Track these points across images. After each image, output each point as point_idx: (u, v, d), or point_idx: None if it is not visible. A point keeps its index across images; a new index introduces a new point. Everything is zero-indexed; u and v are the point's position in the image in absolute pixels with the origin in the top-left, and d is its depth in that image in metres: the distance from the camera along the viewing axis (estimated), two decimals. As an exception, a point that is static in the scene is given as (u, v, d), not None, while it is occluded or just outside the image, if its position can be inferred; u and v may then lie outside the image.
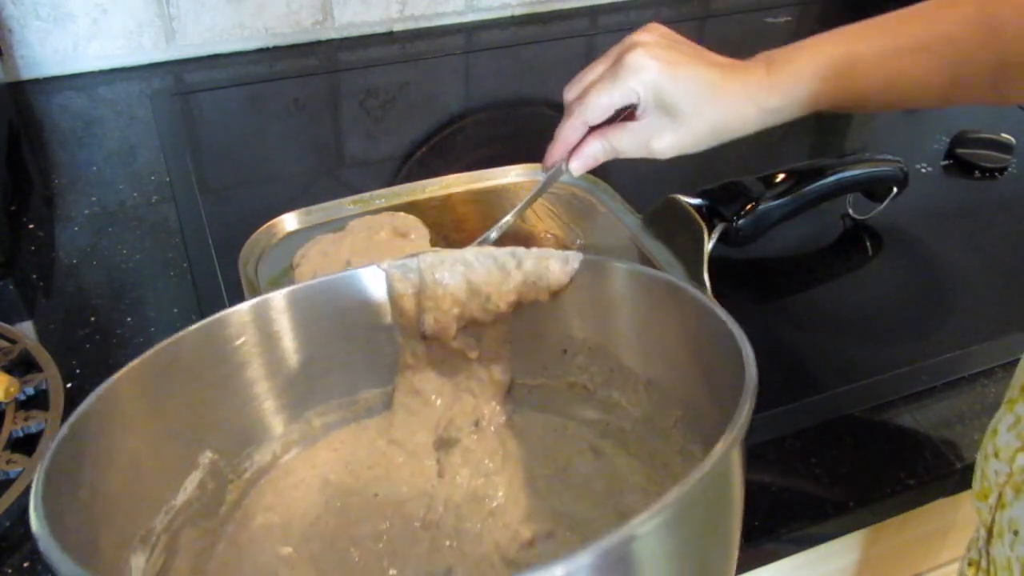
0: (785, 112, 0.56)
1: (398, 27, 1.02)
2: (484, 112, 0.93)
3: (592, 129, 0.58)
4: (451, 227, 0.71)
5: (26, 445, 0.52)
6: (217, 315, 0.43)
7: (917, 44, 0.53)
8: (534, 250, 0.46)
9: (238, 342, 0.44)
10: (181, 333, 0.42)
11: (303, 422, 0.47)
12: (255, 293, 0.64)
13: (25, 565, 0.47)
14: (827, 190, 0.69)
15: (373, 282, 0.48)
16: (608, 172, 0.81)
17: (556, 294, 0.46)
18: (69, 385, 0.57)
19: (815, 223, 0.73)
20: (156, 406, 0.42)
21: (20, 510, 0.49)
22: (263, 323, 0.45)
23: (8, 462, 0.50)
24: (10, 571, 0.47)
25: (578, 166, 0.59)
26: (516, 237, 0.70)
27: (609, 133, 0.58)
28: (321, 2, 0.97)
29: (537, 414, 0.49)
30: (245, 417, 0.45)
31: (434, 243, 0.69)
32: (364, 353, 0.48)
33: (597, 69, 0.58)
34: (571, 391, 0.49)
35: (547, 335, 0.48)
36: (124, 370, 0.41)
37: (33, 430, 0.53)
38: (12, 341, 0.58)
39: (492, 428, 0.49)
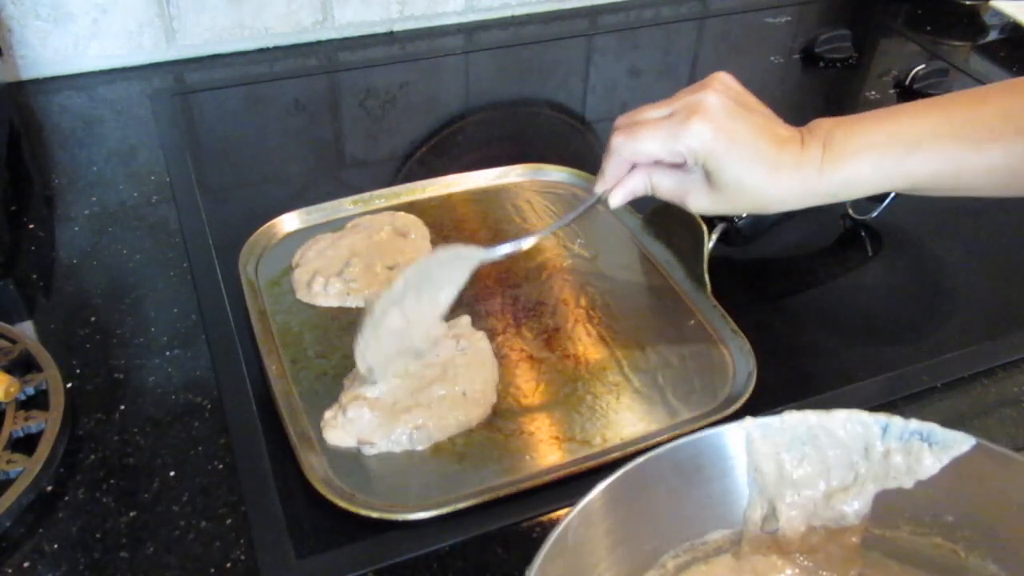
0: (832, 199, 0.55)
1: (398, 27, 1.02)
2: (484, 112, 0.93)
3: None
4: (451, 227, 0.72)
5: (26, 445, 0.52)
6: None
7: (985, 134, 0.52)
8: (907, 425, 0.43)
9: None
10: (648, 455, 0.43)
11: (658, 567, 0.45)
12: (255, 293, 0.64)
13: (25, 565, 0.47)
14: (827, 190, 0.69)
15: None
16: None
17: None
18: (69, 385, 0.57)
19: (815, 223, 0.73)
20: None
21: (20, 510, 0.49)
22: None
23: (8, 462, 0.50)
24: (10, 571, 0.47)
25: (618, 200, 0.58)
26: (516, 236, 0.70)
27: (654, 173, 0.57)
28: (321, 2, 0.97)
29: (892, 565, 0.46)
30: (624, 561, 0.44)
31: (434, 243, 0.69)
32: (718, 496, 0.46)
33: (657, 112, 0.56)
34: (936, 551, 0.45)
35: (917, 496, 0.44)
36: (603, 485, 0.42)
37: (33, 430, 0.53)
38: (12, 341, 0.58)
39: None
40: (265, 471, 0.52)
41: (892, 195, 0.72)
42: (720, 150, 0.53)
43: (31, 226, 0.72)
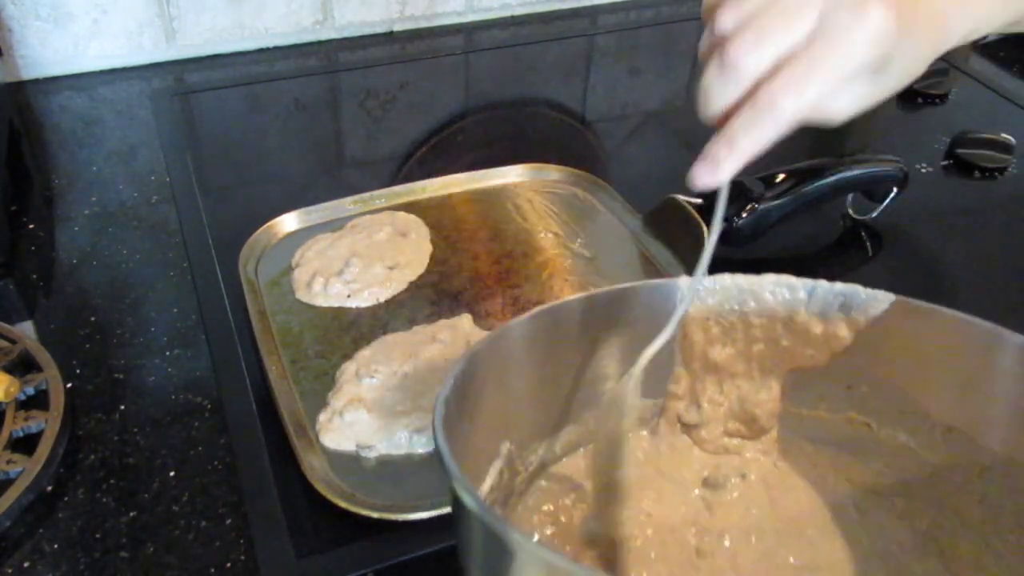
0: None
1: (398, 27, 1.02)
2: (484, 112, 0.93)
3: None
4: (451, 227, 0.72)
5: (26, 445, 0.52)
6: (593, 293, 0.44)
7: None
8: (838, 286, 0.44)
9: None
10: (565, 300, 0.44)
11: (581, 423, 0.46)
12: (255, 293, 0.64)
13: (25, 565, 0.47)
14: (827, 190, 0.69)
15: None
16: (608, 172, 0.81)
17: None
18: (69, 385, 0.57)
19: (815, 223, 0.73)
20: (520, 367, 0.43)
21: (20, 510, 0.49)
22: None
23: (8, 462, 0.50)
24: (10, 571, 0.47)
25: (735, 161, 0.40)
26: (516, 236, 0.70)
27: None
28: (321, 2, 0.97)
29: (806, 446, 0.47)
30: (549, 409, 0.45)
31: (434, 243, 0.69)
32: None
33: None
34: (849, 426, 0.46)
35: (832, 369, 0.46)
36: (516, 321, 0.42)
37: (33, 430, 0.53)
38: (12, 341, 0.58)
39: (755, 478, 0.47)
40: (265, 471, 0.52)
41: (892, 195, 0.72)
42: (903, 33, 0.39)
43: (31, 226, 0.72)
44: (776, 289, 0.45)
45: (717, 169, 0.40)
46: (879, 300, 0.43)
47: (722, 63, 0.38)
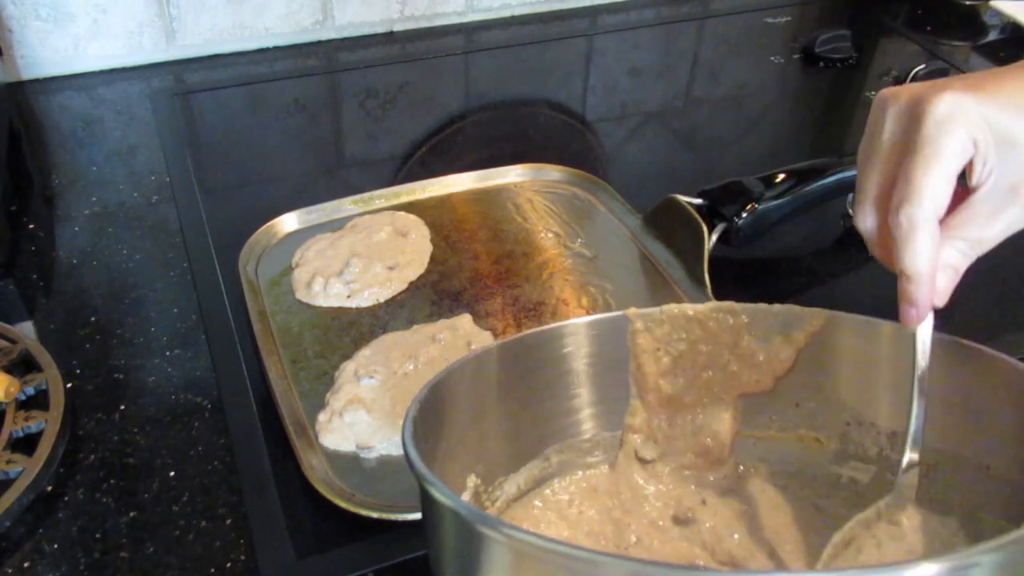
0: None
1: (398, 27, 1.02)
2: (484, 112, 0.93)
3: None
4: (451, 227, 0.72)
5: (26, 445, 0.52)
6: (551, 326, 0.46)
7: None
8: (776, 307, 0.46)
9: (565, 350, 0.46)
10: (524, 334, 0.46)
11: (543, 458, 0.47)
12: (255, 293, 0.64)
13: (25, 565, 0.47)
14: (827, 190, 0.69)
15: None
16: (608, 172, 0.82)
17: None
18: (69, 385, 0.57)
19: (815, 223, 0.73)
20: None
21: (20, 510, 0.49)
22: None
23: (8, 462, 0.50)
24: (10, 571, 0.47)
25: (945, 290, 0.41)
26: (516, 236, 0.70)
27: (955, 227, 0.40)
28: (321, 2, 0.97)
29: (762, 467, 0.48)
30: (515, 442, 0.46)
31: (434, 243, 0.69)
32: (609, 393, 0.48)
33: (877, 153, 0.41)
34: (800, 443, 0.47)
35: (779, 389, 0.47)
36: (484, 349, 0.45)
37: (33, 430, 0.53)
38: (12, 341, 0.58)
39: (721, 505, 0.47)
40: (265, 471, 0.52)
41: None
42: (987, 103, 0.39)
43: (31, 226, 0.72)
44: (719, 315, 0.47)
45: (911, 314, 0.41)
46: (814, 316, 0.45)
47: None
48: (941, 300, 0.41)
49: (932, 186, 0.38)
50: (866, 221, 0.43)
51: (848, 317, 0.45)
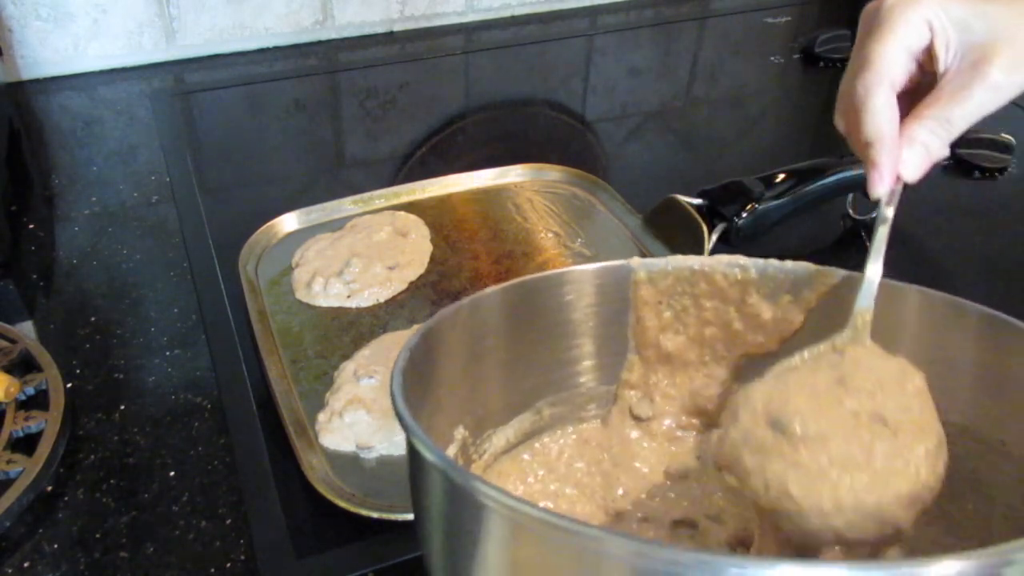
0: None
1: (398, 27, 1.02)
2: (484, 112, 0.93)
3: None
4: (451, 227, 0.72)
5: (26, 445, 0.52)
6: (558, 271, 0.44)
7: None
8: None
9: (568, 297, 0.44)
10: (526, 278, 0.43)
11: (534, 411, 0.46)
12: (255, 293, 0.64)
13: (25, 565, 0.47)
14: (827, 190, 0.69)
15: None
16: (608, 172, 0.82)
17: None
18: (69, 385, 0.57)
19: (815, 223, 0.73)
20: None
21: (20, 510, 0.49)
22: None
23: (8, 462, 0.50)
24: (10, 571, 0.47)
25: (914, 166, 0.43)
26: (516, 236, 0.70)
27: (924, 106, 0.42)
28: (321, 2, 0.97)
29: None
30: (509, 393, 0.44)
31: (434, 243, 0.69)
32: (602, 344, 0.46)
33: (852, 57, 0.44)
34: None
35: (783, 353, 0.45)
36: (483, 293, 0.42)
37: (33, 430, 0.53)
38: (12, 341, 0.58)
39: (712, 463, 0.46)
40: (265, 471, 0.52)
41: (892, 195, 0.72)
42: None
43: (31, 226, 0.72)
44: (728, 270, 0.44)
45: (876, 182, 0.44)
46: (828, 275, 0.44)
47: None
48: (910, 174, 0.44)
49: (884, 55, 0.41)
50: (839, 123, 0.45)
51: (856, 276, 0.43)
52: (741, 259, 0.44)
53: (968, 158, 0.81)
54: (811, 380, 0.39)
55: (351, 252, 0.67)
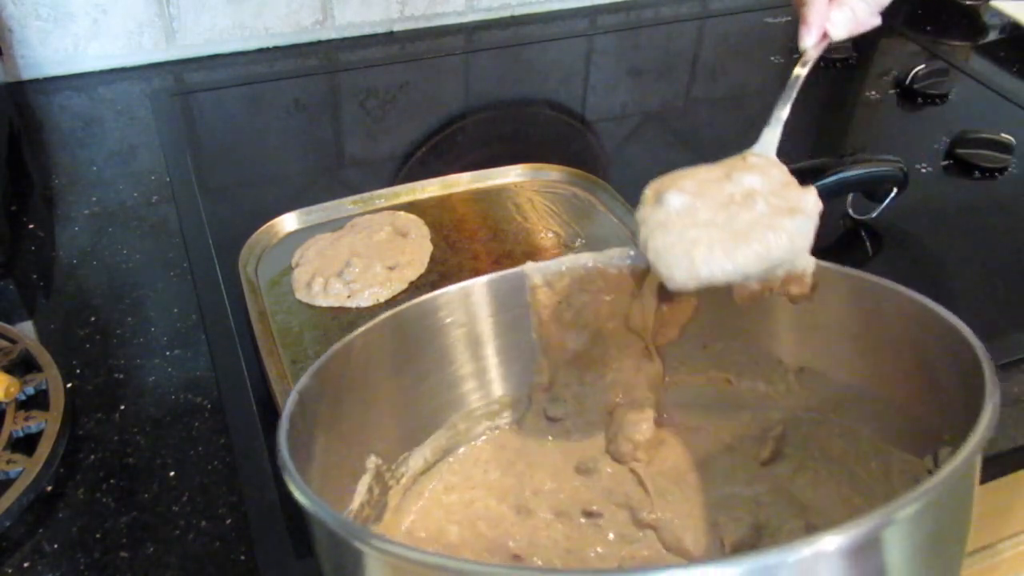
0: None
1: (398, 27, 1.02)
2: (484, 112, 0.93)
3: None
4: (451, 227, 0.71)
5: (26, 445, 0.52)
6: (426, 296, 0.45)
7: None
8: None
9: (447, 320, 0.45)
10: (400, 308, 0.44)
11: (449, 427, 0.47)
12: (255, 293, 0.64)
13: (25, 565, 0.47)
14: (827, 190, 0.69)
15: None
16: (608, 172, 0.81)
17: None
18: (69, 385, 0.57)
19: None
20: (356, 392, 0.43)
21: (20, 510, 0.49)
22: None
23: (8, 462, 0.50)
24: (10, 571, 0.47)
25: (840, 25, 0.49)
26: (516, 236, 0.70)
27: None
28: (321, 2, 0.97)
29: (675, 412, 0.48)
30: (412, 417, 0.45)
31: (434, 243, 0.69)
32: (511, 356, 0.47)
33: None
34: (711, 385, 0.47)
35: (686, 332, 0.47)
36: (360, 331, 0.43)
37: (33, 430, 0.53)
38: (12, 341, 0.58)
39: (630, 464, 0.47)
40: (265, 471, 0.52)
41: (892, 195, 0.72)
42: None
43: (31, 226, 0.72)
44: (620, 262, 0.46)
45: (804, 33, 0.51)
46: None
47: None
48: (836, 31, 0.50)
49: None
50: None
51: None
52: (631, 251, 0.46)
53: (968, 158, 0.81)
54: (705, 174, 0.43)
55: (351, 252, 0.67)
